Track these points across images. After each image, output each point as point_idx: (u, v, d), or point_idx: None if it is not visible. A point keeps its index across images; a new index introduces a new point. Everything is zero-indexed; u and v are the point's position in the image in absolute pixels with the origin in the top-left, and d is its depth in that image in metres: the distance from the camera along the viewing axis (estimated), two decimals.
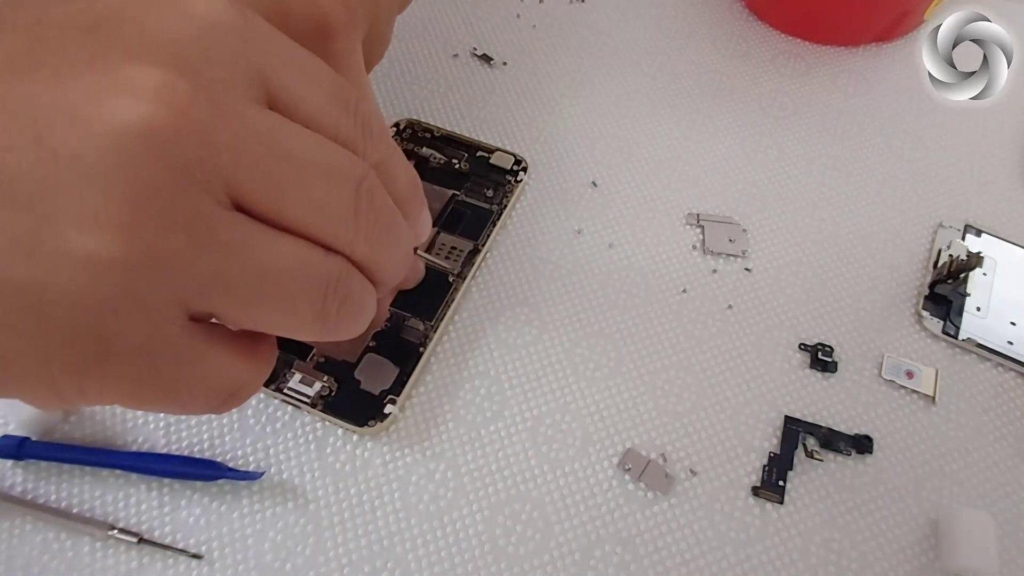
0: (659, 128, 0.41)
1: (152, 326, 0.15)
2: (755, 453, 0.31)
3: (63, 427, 0.30)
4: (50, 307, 0.13)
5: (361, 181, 0.18)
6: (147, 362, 0.15)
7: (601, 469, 0.30)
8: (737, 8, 0.48)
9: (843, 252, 0.37)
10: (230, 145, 0.15)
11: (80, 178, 0.13)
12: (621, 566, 0.28)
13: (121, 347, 0.15)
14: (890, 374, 0.33)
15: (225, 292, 0.15)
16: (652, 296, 0.35)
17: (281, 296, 0.17)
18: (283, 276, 0.16)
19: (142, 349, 0.15)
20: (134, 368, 0.15)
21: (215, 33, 0.15)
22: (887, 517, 0.30)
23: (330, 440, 0.30)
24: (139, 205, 0.13)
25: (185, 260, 0.14)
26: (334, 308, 0.18)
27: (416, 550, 0.28)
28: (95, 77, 0.14)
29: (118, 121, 0.13)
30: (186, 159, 0.14)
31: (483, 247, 0.35)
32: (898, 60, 0.46)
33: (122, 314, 0.14)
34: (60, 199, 0.13)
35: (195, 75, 0.15)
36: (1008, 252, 0.38)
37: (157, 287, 0.14)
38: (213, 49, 0.15)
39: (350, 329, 0.19)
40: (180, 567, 0.27)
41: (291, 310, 0.17)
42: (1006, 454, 0.32)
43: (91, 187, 0.13)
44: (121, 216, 0.13)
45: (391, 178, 0.21)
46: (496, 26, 0.46)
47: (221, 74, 0.15)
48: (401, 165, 0.21)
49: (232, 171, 0.15)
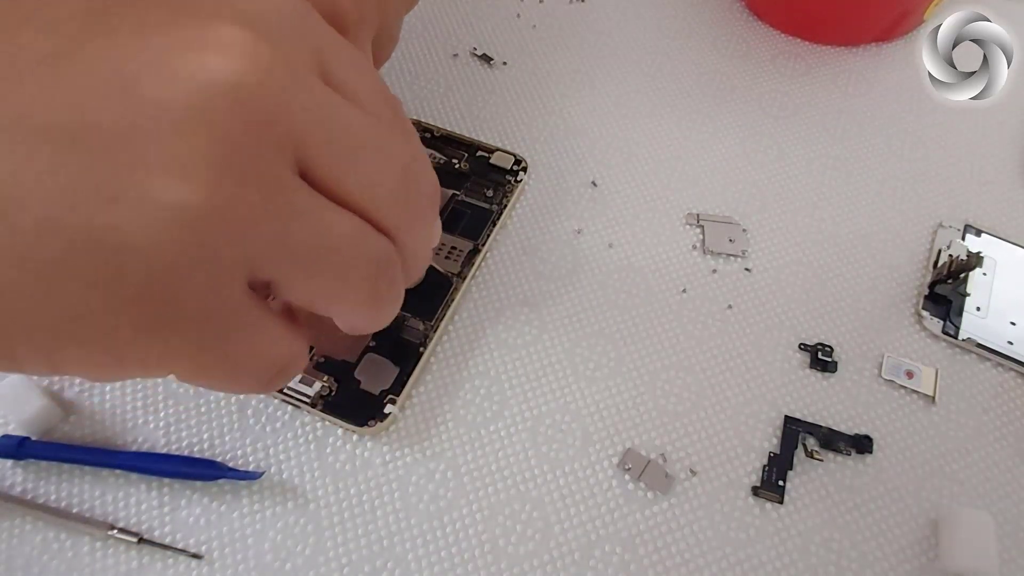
0: (659, 128, 0.41)
1: (220, 288, 0.15)
2: (755, 453, 0.31)
3: (63, 427, 0.30)
4: (127, 257, 0.13)
5: (409, 164, 0.18)
6: (212, 327, 0.15)
7: (601, 469, 0.30)
8: (737, 8, 0.48)
9: (843, 252, 0.37)
10: (304, 111, 0.15)
11: (166, 127, 0.13)
12: (621, 566, 0.28)
13: (190, 307, 0.14)
14: (890, 374, 0.33)
15: (291, 258, 0.15)
16: (652, 296, 0.35)
17: (340, 268, 0.17)
18: (344, 248, 0.16)
19: (209, 312, 0.15)
20: (199, 332, 0.15)
21: (284, 10, 0.16)
22: (887, 517, 0.30)
23: (330, 440, 0.30)
24: (222, 157, 0.13)
25: (259, 218, 0.14)
26: (384, 288, 0.18)
27: (416, 550, 0.28)
28: (181, 33, 0.14)
29: (206, 74, 0.13)
30: (267, 118, 0.14)
31: (483, 247, 0.35)
32: (898, 60, 0.46)
33: (196, 271, 0.14)
34: (144, 147, 0.13)
35: (274, 41, 0.15)
36: (1008, 252, 0.38)
37: (231, 244, 0.14)
38: (285, 23, 0.16)
39: (388, 315, 0.19)
40: (180, 567, 0.27)
41: (348, 284, 0.17)
42: (1006, 454, 0.32)
43: (176, 137, 0.13)
44: (206, 166, 0.13)
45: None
46: (496, 26, 0.46)
47: (293, 46, 0.16)
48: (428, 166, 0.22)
49: (303, 137, 0.15)
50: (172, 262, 0.13)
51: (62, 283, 0.13)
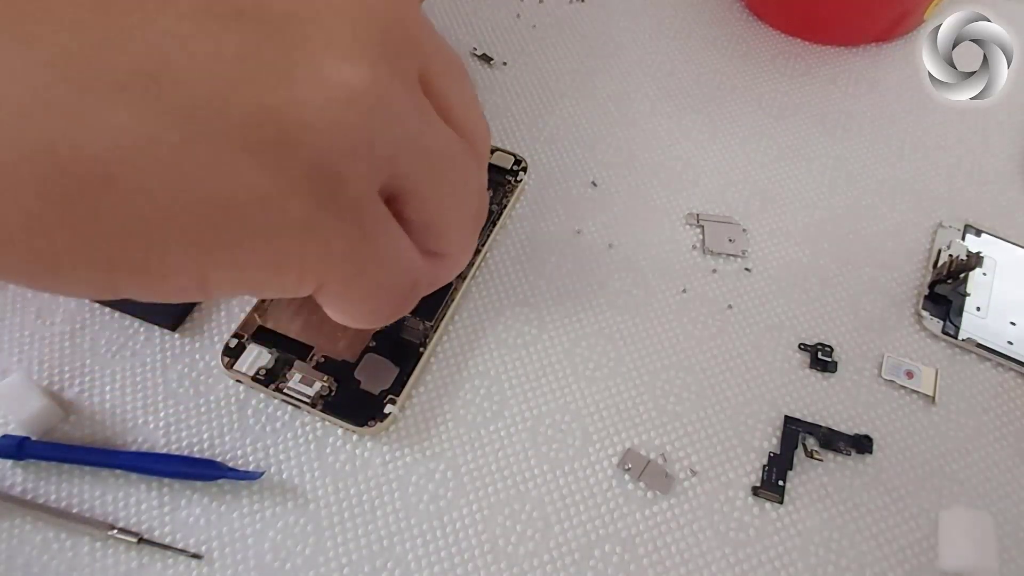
0: (659, 128, 0.41)
1: (374, 182, 0.15)
2: (755, 453, 0.31)
3: (63, 427, 0.30)
4: (302, 134, 0.13)
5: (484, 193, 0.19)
6: (365, 226, 0.15)
7: (601, 469, 0.30)
8: (737, 8, 0.48)
9: (843, 252, 0.37)
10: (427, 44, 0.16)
11: (331, 10, 0.13)
12: (621, 566, 0.28)
13: (349, 199, 0.14)
14: (890, 374, 0.33)
15: (427, 161, 0.16)
16: (652, 296, 0.35)
17: (460, 182, 0.17)
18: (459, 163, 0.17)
19: (363, 208, 0.15)
20: (357, 230, 0.15)
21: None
22: (887, 517, 0.30)
23: (330, 440, 0.30)
24: (381, 46, 0.14)
25: (406, 113, 0.15)
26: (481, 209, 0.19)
27: (416, 550, 0.28)
28: None
29: None
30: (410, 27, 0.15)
31: (483, 247, 0.35)
32: (898, 60, 0.46)
33: (359, 158, 0.14)
34: (313, 28, 0.13)
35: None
36: (1008, 252, 0.38)
37: (385, 134, 0.14)
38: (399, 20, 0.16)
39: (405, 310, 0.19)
40: (180, 567, 0.27)
41: (464, 203, 0.17)
42: (1006, 454, 0.32)
43: (342, 20, 0.13)
44: (368, 51, 0.14)
45: None
46: (496, 26, 0.46)
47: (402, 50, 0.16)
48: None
49: (427, 64, 0.16)
50: (341, 144, 0.13)
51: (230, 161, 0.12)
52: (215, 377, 0.31)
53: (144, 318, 0.32)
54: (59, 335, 0.32)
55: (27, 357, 0.31)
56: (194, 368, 0.31)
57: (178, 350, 0.32)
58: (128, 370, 0.31)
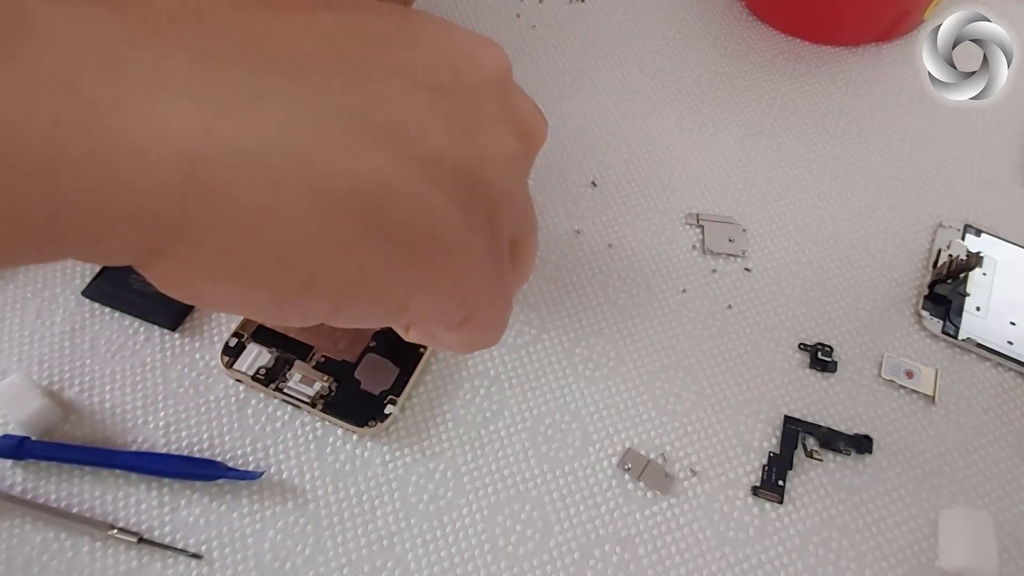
0: (659, 128, 0.41)
1: (512, 224, 0.18)
2: (755, 453, 0.31)
3: (63, 427, 0.30)
4: (481, 185, 0.16)
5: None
6: (504, 261, 0.18)
7: (601, 469, 0.30)
8: (737, 8, 0.48)
9: (843, 252, 0.37)
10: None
11: (486, 94, 0.17)
12: (620, 566, 0.28)
13: (502, 238, 0.17)
14: (890, 374, 0.33)
15: (531, 219, 0.19)
16: (652, 296, 0.35)
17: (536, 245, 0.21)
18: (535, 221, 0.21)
19: (504, 247, 0.18)
20: (500, 266, 0.18)
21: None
22: (887, 517, 0.30)
23: (330, 440, 0.30)
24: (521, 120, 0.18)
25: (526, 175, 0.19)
26: None
27: (416, 550, 0.28)
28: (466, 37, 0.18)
29: (497, 64, 0.18)
30: None
31: None
32: (898, 60, 0.46)
33: (508, 207, 0.17)
34: (479, 108, 0.17)
35: None
36: (1008, 252, 0.38)
37: (523, 190, 0.18)
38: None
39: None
40: (180, 567, 0.27)
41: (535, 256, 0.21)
42: (1006, 454, 0.32)
43: (494, 102, 0.17)
44: (520, 125, 0.18)
45: None
46: (496, 26, 0.46)
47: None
48: None
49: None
50: (503, 195, 0.17)
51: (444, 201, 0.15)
52: (215, 377, 0.31)
53: (144, 318, 0.32)
54: (59, 335, 0.32)
55: (27, 357, 0.31)
56: (194, 368, 0.31)
57: (178, 350, 0.32)
58: (128, 370, 0.31)
